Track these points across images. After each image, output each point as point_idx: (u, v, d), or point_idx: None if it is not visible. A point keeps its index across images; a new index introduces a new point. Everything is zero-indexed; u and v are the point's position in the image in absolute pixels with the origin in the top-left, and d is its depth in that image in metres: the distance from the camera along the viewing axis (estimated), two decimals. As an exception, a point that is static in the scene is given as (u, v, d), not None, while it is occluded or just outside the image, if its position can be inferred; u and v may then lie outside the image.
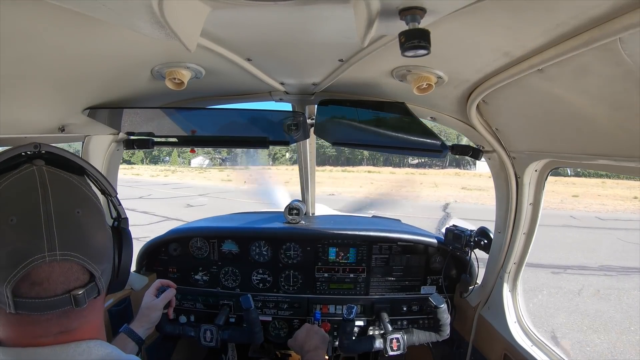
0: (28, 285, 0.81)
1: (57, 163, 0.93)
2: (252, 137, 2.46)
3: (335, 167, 64.41)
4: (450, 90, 1.65)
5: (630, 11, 0.75)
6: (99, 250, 0.93)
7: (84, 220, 0.89)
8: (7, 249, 0.79)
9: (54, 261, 0.82)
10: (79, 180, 0.94)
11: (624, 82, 1.01)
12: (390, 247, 2.76)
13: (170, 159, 74.34)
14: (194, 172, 52.47)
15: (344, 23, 1.06)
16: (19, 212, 0.81)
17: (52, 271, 0.83)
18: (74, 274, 0.86)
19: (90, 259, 0.88)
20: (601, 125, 1.28)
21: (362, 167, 64.28)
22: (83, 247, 0.87)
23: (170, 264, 2.85)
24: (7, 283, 0.79)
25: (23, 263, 0.79)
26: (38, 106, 1.56)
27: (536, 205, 2.08)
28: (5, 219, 0.80)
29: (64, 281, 0.85)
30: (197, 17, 0.92)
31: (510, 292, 2.30)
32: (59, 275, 0.84)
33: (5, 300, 0.80)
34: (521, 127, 1.76)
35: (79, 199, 0.91)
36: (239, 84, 1.87)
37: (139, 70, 1.54)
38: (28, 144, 0.90)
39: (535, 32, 0.98)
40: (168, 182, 32.26)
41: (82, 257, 0.86)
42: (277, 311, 2.78)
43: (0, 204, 0.82)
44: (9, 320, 0.86)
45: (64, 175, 0.91)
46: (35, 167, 0.88)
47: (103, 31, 1.13)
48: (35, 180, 0.85)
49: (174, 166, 65.53)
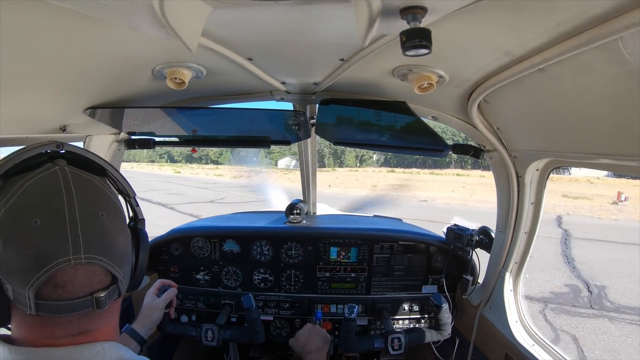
0: (51, 287, 0.80)
1: (79, 163, 0.92)
2: (253, 136, 2.46)
3: (423, 169, 63.44)
4: (452, 90, 1.65)
5: (631, 10, 0.75)
6: (121, 252, 0.93)
7: (108, 223, 0.89)
8: (30, 252, 0.79)
9: (79, 264, 0.82)
10: (100, 182, 0.94)
11: (625, 81, 1.01)
12: (391, 247, 2.76)
13: (257, 159, 73.53)
14: (278, 172, 51.37)
15: (345, 22, 1.06)
16: (43, 214, 0.81)
17: (76, 274, 0.83)
18: (97, 277, 0.86)
19: (113, 261, 0.88)
20: (602, 124, 1.28)
21: (449, 170, 62.63)
22: (107, 250, 0.87)
23: (172, 263, 2.86)
24: (30, 286, 0.78)
25: (47, 266, 0.78)
26: (39, 106, 1.56)
27: (537, 205, 2.08)
28: (28, 220, 0.79)
29: (87, 284, 0.84)
30: (198, 16, 0.92)
31: (511, 292, 2.29)
32: (83, 278, 0.84)
33: (26, 302, 0.79)
34: (522, 126, 1.76)
35: (102, 202, 0.91)
36: (240, 83, 1.87)
37: (140, 70, 1.54)
38: (50, 142, 0.90)
39: (536, 31, 0.98)
40: (249, 183, 31.79)
41: (105, 260, 0.86)
42: (279, 311, 2.79)
43: (24, 206, 0.81)
44: (26, 321, 0.85)
45: (86, 176, 0.90)
46: (57, 167, 0.87)
47: (104, 31, 1.13)
48: (59, 181, 0.85)
49: (260, 167, 64.95)
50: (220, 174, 49.68)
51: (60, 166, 0.87)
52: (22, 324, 0.86)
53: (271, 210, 3.84)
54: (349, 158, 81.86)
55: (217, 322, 2.50)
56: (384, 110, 2.01)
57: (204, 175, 52.12)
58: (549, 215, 19.19)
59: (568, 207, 23.03)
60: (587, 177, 42.88)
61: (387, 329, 2.50)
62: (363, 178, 47.75)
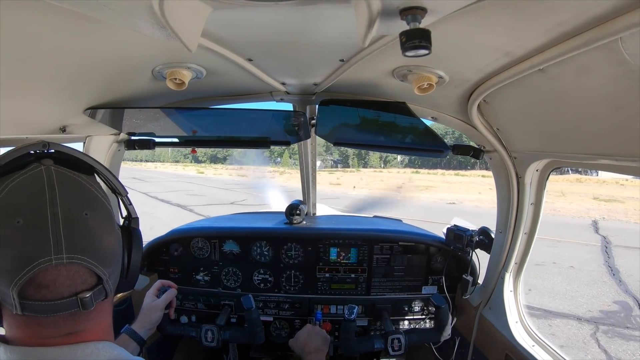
0: (34, 288, 0.80)
1: (66, 162, 0.91)
2: (253, 137, 2.46)
3: (448, 170, 62.74)
4: (451, 90, 1.65)
5: (631, 11, 0.76)
6: (106, 252, 0.91)
7: (92, 222, 0.88)
8: (14, 252, 0.79)
9: (61, 264, 0.81)
10: (88, 181, 0.92)
11: (625, 81, 1.01)
12: (391, 247, 2.75)
13: (281, 160, 73.03)
14: (294, 172, 50.69)
15: (345, 23, 1.07)
16: (25, 214, 0.80)
17: (58, 274, 0.82)
18: (81, 277, 0.85)
19: (98, 261, 0.87)
20: (602, 124, 1.28)
21: (474, 172, 60.29)
22: (91, 250, 0.86)
23: (172, 264, 2.86)
24: (14, 286, 0.78)
25: (29, 266, 0.78)
26: (39, 106, 1.57)
27: (537, 205, 2.08)
28: (11, 221, 0.79)
29: (70, 284, 0.83)
30: (198, 17, 0.92)
31: (511, 292, 2.29)
32: (66, 278, 0.83)
33: (11, 302, 0.80)
34: (522, 127, 1.76)
35: (87, 200, 0.90)
36: (239, 84, 1.87)
37: (140, 70, 1.54)
38: (36, 143, 0.89)
39: (536, 32, 0.98)
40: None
41: (89, 260, 0.85)
42: (279, 311, 2.78)
43: (7, 206, 0.81)
44: (15, 320, 0.85)
45: (72, 175, 0.89)
46: (43, 166, 0.86)
47: (104, 31, 1.14)
48: (43, 181, 0.84)
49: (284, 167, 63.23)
50: (243, 175, 49.06)
51: (46, 165, 0.87)
52: (12, 323, 0.86)
53: (271, 211, 3.84)
54: (374, 159, 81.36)
55: (217, 323, 2.50)
56: (384, 111, 2.01)
57: (227, 175, 51.34)
58: (584, 220, 18.45)
59: (602, 211, 21.53)
60: (615, 179, 39.97)
61: (387, 330, 2.50)
62: (387, 179, 47.28)
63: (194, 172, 62.08)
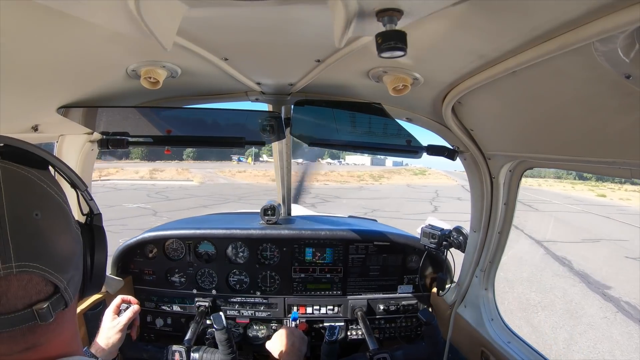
0: None
1: (14, 156, 0.80)
2: (228, 137, 2.43)
3: None
4: (426, 92, 1.66)
5: (604, 16, 0.77)
6: (62, 257, 0.82)
7: (44, 223, 0.78)
8: None
9: (10, 274, 0.72)
10: (39, 176, 0.82)
11: (597, 85, 1.03)
12: (366, 247, 2.77)
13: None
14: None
15: (321, 23, 1.05)
16: None
17: (9, 285, 0.73)
18: (35, 287, 0.76)
19: (53, 268, 0.78)
20: (575, 127, 1.31)
21: None
22: (43, 256, 0.77)
23: (146, 265, 2.80)
24: None
25: None
26: (10, 104, 1.49)
27: (510, 205, 2.12)
28: None
29: (23, 295, 0.75)
30: (173, 15, 0.90)
31: (485, 290, 2.34)
32: (18, 289, 0.74)
33: None
34: (496, 129, 1.79)
35: (37, 199, 0.80)
36: (215, 83, 1.85)
37: (114, 68, 1.51)
38: None
39: (511, 35, 0.99)
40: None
41: (42, 267, 0.76)
42: (255, 312, 2.76)
43: None
44: None
45: (21, 171, 0.79)
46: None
47: (78, 28, 1.09)
48: None
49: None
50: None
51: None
52: None
53: (247, 212, 3.80)
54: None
55: (187, 339, 2.31)
56: (359, 112, 2.01)
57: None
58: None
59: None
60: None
61: (364, 330, 2.50)
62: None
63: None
